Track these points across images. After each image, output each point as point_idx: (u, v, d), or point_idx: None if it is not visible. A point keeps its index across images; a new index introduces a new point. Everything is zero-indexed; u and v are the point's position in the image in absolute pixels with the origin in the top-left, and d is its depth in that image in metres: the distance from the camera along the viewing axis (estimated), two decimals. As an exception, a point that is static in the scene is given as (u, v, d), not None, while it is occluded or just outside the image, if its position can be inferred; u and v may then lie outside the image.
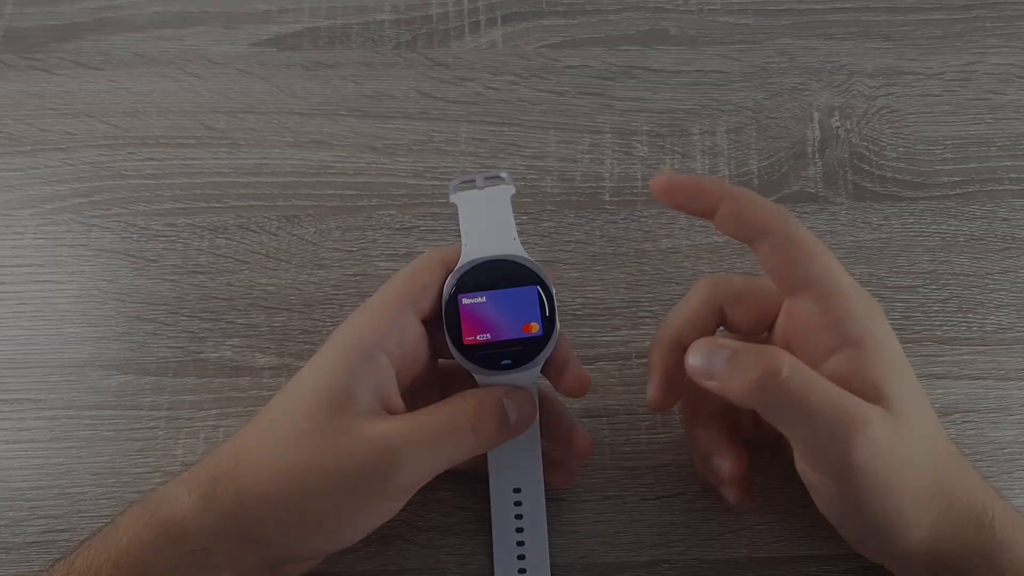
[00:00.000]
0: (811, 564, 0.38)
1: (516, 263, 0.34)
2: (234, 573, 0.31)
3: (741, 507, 0.37)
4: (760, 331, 0.34)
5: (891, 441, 0.29)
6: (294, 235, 0.44)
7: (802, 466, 0.31)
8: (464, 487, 0.39)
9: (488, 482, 0.36)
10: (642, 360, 0.41)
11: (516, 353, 0.33)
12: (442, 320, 0.33)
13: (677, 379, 0.34)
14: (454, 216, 0.44)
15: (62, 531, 0.38)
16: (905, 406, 0.30)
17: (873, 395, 0.30)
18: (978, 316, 0.42)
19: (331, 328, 0.42)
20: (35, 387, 0.41)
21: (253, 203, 0.45)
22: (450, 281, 0.33)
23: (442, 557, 0.38)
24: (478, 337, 0.33)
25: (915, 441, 0.30)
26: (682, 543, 0.38)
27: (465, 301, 0.33)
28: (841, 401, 0.29)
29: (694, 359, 0.31)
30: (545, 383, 0.35)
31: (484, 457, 0.35)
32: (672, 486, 0.39)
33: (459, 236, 0.34)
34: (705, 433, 0.36)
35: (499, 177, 0.36)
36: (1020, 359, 0.42)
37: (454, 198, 0.35)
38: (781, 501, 0.39)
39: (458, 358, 0.33)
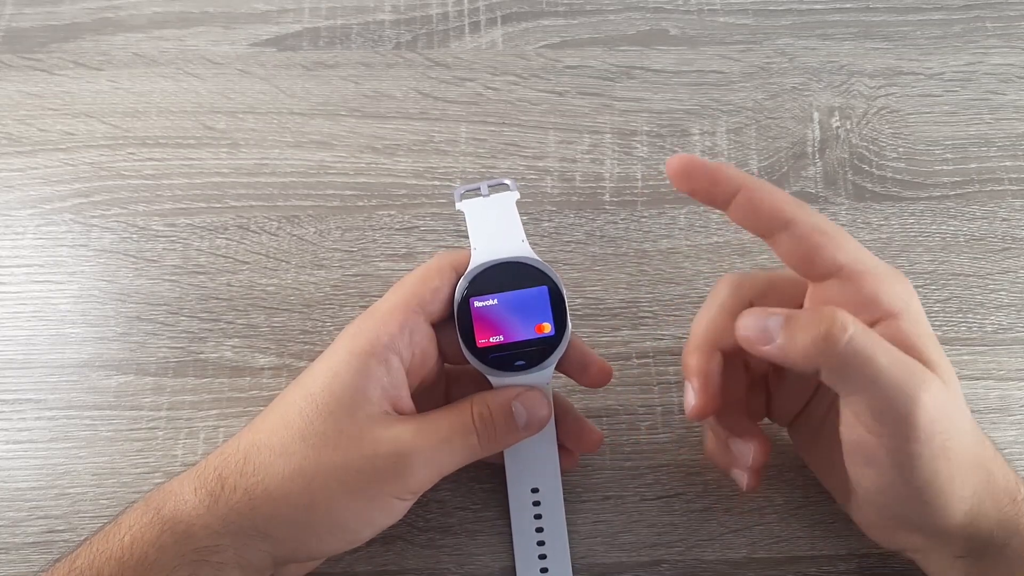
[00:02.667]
0: (811, 564, 0.38)
1: (526, 264, 0.34)
2: (239, 571, 0.31)
3: (752, 491, 0.37)
4: None
5: (947, 404, 0.29)
6: (294, 235, 0.44)
7: (856, 432, 0.30)
8: (464, 487, 0.39)
9: (491, 482, 0.36)
10: (642, 360, 0.41)
11: (529, 354, 0.33)
12: (454, 323, 0.33)
13: (716, 384, 0.33)
14: (454, 217, 0.44)
15: (62, 531, 0.38)
16: (949, 375, 0.30)
17: (921, 362, 0.30)
18: (978, 316, 0.42)
19: (331, 328, 0.42)
20: (35, 387, 0.41)
21: (253, 203, 0.45)
22: (461, 284, 0.34)
23: (442, 557, 0.38)
24: (491, 339, 0.33)
25: (962, 410, 0.30)
26: (682, 543, 0.38)
27: (477, 304, 0.33)
28: (906, 360, 0.29)
29: (746, 327, 0.30)
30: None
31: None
32: (672, 486, 0.39)
33: (461, 238, 0.35)
34: (728, 418, 0.35)
35: (503, 184, 0.36)
36: (1020, 359, 0.42)
37: (460, 206, 0.35)
38: (781, 501, 0.39)
39: (472, 361, 0.34)
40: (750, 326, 0.30)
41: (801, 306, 0.32)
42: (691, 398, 0.33)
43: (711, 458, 0.37)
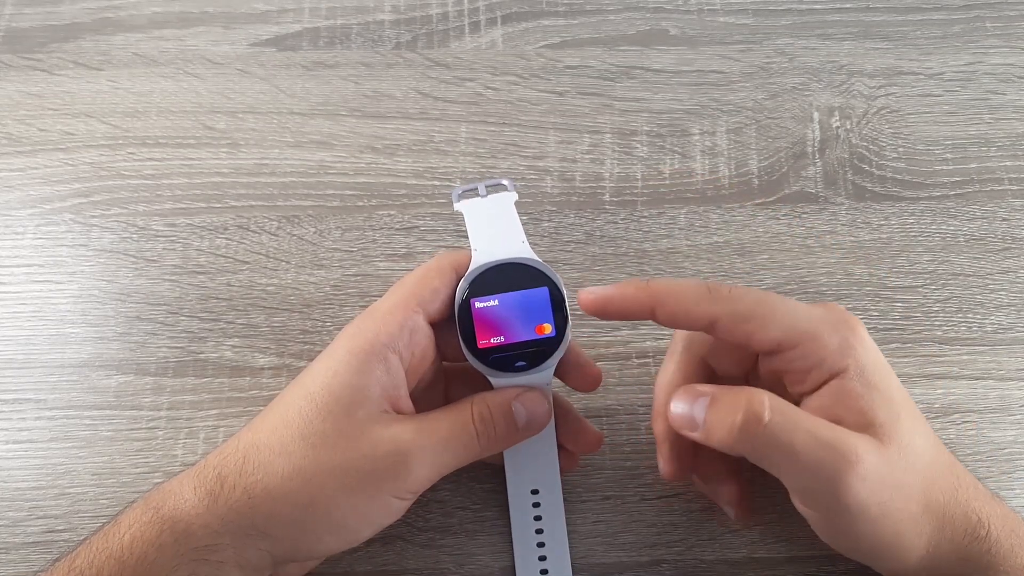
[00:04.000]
0: (811, 564, 0.38)
1: (526, 265, 0.34)
2: (239, 570, 0.31)
3: (743, 523, 0.38)
4: (747, 368, 0.34)
5: (882, 471, 0.29)
6: (294, 235, 0.44)
7: (796, 502, 0.32)
8: (464, 487, 0.39)
9: (491, 481, 0.36)
10: (642, 360, 0.41)
11: (530, 354, 0.33)
12: (455, 324, 0.34)
13: (682, 447, 0.35)
14: (454, 217, 0.44)
15: (62, 531, 0.38)
16: (894, 429, 0.30)
17: (861, 423, 0.30)
18: (978, 316, 0.42)
19: (331, 328, 0.42)
20: (35, 387, 0.41)
21: (253, 203, 0.45)
22: (462, 285, 0.34)
23: (442, 557, 0.38)
24: (492, 340, 0.33)
25: (906, 464, 0.30)
26: (682, 543, 0.38)
27: (478, 305, 0.33)
28: (829, 438, 0.29)
29: (676, 409, 0.32)
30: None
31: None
32: (672, 486, 0.39)
33: (461, 238, 0.35)
34: (703, 467, 0.36)
35: (500, 184, 0.36)
36: (1020, 359, 0.42)
37: (459, 206, 0.35)
38: (781, 502, 0.38)
39: (472, 361, 0.34)
40: (677, 413, 0.32)
41: (756, 360, 0.33)
42: (661, 465, 0.35)
43: (702, 490, 0.38)
